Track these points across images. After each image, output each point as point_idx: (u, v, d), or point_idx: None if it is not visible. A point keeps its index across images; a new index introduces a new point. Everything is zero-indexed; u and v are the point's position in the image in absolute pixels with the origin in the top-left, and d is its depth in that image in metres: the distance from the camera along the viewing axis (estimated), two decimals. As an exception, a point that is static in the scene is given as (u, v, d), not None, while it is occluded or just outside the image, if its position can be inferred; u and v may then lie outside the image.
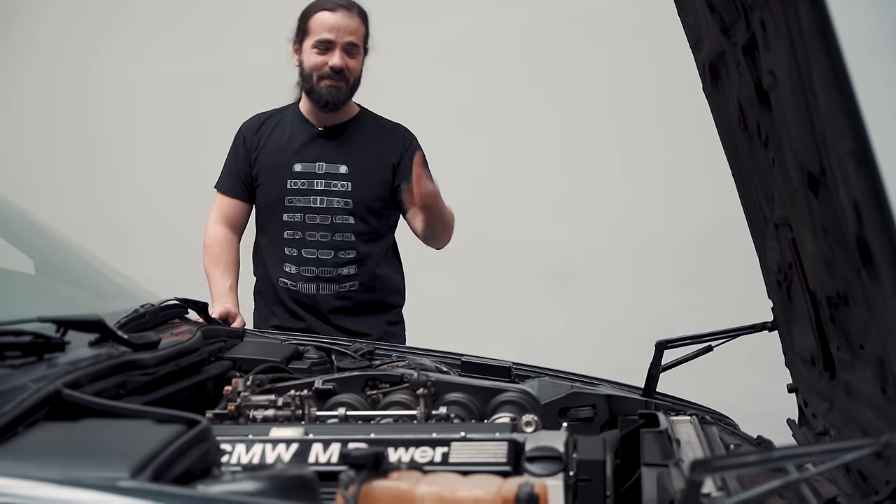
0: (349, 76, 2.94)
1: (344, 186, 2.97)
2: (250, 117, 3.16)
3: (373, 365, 2.34)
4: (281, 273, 3.02)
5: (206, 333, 2.17)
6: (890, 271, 1.10)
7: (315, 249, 2.98)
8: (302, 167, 2.99)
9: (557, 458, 1.48)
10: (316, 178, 2.97)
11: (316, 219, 2.97)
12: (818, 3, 1.02)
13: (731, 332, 2.27)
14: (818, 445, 1.29)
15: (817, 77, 1.11)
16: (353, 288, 3.01)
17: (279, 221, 3.00)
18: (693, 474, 1.09)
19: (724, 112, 2.06)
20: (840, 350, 1.68)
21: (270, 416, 1.86)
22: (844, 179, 1.15)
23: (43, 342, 1.62)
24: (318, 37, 2.92)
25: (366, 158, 3.00)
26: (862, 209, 1.12)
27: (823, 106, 1.12)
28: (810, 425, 2.07)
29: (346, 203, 2.97)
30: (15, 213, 2.63)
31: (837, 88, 1.03)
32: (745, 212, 2.18)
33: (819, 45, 1.04)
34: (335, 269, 2.98)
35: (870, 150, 1.01)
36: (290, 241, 2.99)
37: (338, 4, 2.93)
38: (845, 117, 1.03)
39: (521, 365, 2.44)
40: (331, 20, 2.91)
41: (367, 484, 1.35)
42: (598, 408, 2.12)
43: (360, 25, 2.96)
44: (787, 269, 1.95)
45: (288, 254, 3.00)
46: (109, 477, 1.16)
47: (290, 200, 2.98)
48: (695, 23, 2.01)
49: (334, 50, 2.91)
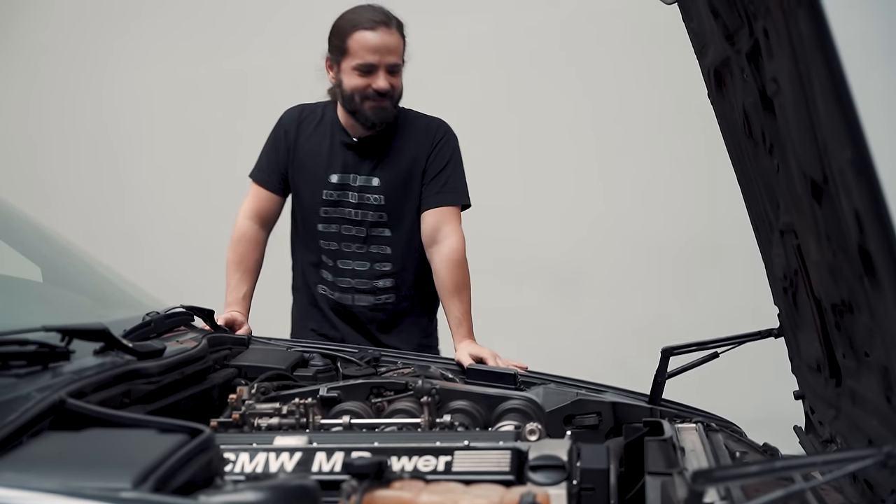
0: (394, 94, 2.84)
1: (377, 199, 2.91)
2: (291, 108, 3.06)
3: (378, 372, 2.34)
4: (318, 279, 3.01)
5: (212, 341, 2.18)
6: (891, 281, 1.10)
7: (351, 261, 2.95)
8: (338, 178, 2.92)
9: (561, 466, 1.48)
10: (350, 191, 2.91)
11: (351, 230, 2.93)
12: (817, 13, 1.01)
13: (737, 338, 2.27)
14: (820, 456, 1.28)
15: (817, 87, 1.11)
16: (388, 300, 2.99)
17: (315, 230, 2.96)
18: (695, 485, 1.09)
19: (729, 118, 2.06)
20: (845, 357, 1.68)
21: (275, 425, 1.87)
22: (846, 189, 1.14)
23: (48, 351, 1.62)
24: (361, 60, 2.78)
25: (399, 168, 2.92)
26: (863, 219, 1.12)
27: (823, 115, 1.12)
28: (817, 432, 2.06)
29: (380, 216, 2.92)
30: (22, 221, 2.64)
31: (836, 99, 1.02)
32: (751, 218, 2.17)
33: (818, 55, 1.03)
34: (371, 280, 2.96)
35: (869, 160, 1.01)
36: (327, 250, 2.96)
37: (375, 21, 2.79)
38: (844, 127, 1.02)
39: (526, 372, 2.45)
40: (373, 42, 2.77)
41: (370, 493, 1.35)
42: (603, 415, 2.12)
43: (400, 41, 2.83)
44: (792, 276, 1.94)
45: (325, 261, 2.98)
46: (112, 487, 1.16)
47: (326, 211, 2.93)
48: (699, 29, 2.01)
49: (378, 73, 2.79)
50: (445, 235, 2.87)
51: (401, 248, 2.96)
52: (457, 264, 2.84)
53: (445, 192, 2.91)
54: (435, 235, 2.88)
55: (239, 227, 3.03)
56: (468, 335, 2.77)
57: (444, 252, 2.85)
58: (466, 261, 2.87)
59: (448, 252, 2.85)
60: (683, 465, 1.63)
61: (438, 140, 2.96)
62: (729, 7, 1.70)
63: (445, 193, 2.91)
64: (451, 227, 2.88)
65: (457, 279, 2.83)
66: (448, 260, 2.84)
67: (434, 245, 2.88)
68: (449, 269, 2.84)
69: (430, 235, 2.89)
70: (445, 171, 2.92)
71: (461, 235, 2.89)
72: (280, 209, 3.08)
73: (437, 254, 2.87)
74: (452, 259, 2.84)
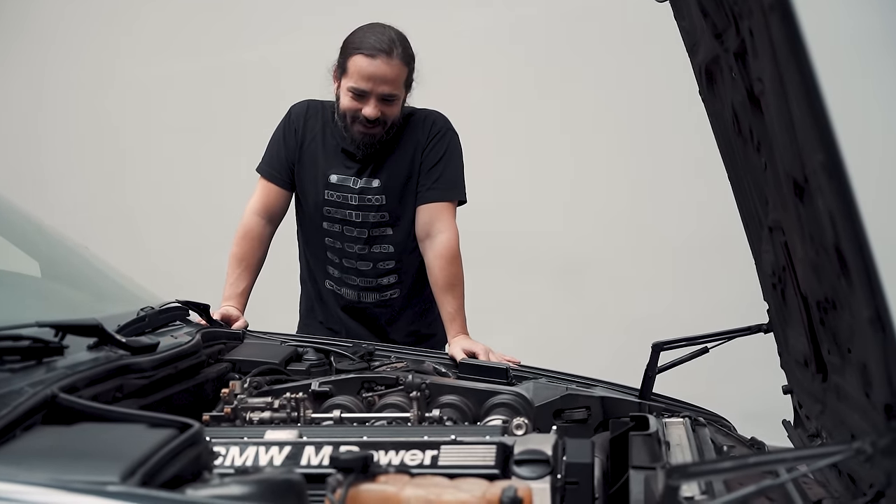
0: (385, 120, 2.81)
1: (378, 200, 2.91)
2: (299, 103, 3.05)
3: (371, 367, 2.36)
4: (325, 275, 3.03)
5: (206, 336, 2.20)
6: (861, 282, 1.12)
7: (354, 260, 2.96)
8: (337, 179, 2.92)
9: (545, 461, 1.50)
10: (350, 193, 2.91)
11: (353, 231, 2.94)
12: (789, 18, 1.02)
13: (726, 333, 2.28)
14: (792, 451, 1.30)
15: (791, 90, 1.13)
16: (394, 296, 3.01)
17: (319, 228, 2.98)
18: (670, 480, 1.11)
19: (720, 115, 2.07)
20: (830, 353, 1.69)
21: (267, 419, 1.89)
22: (821, 190, 1.16)
23: (41, 346, 1.65)
24: (354, 84, 2.76)
25: (399, 167, 2.92)
26: (836, 220, 1.14)
27: (797, 118, 1.14)
28: (804, 427, 2.08)
29: (381, 216, 2.93)
30: (21, 216, 2.66)
31: (808, 103, 1.03)
32: (741, 214, 2.19)
33: (791, 60, 1.05)
34: (375, 279, 2.98)
35: (840, 163, 1.02)
36: (331, 248, 2.98)
37: (378, 49, 2.74)
38: (816, 131, 1.04)
39: (519, 366, 2.47)
40: (367, 70, 2.74)
41: (355, 487, 1.36)
42: (592, 410, 2.13)
43: (401, 70, 2.79)
44: (780, 272, 1.96)
45: (330, 258, 3.00)
46: (99, 481, 1.19)
47: (329, 211, 2.94)
48: (690, 27, 2.02)
49: (369, 99, 2.77)
50: (438, 231, 2.87)
51: (404, 245, 2.97)
52: (449, 260, 2.85)
53: (438, 187, 2.91)
54: (428, 230, 2.88)
55: (245, 222, 3.03)
56: (462, 330, 2.78)
57: (436, 248, 2.86)
58: (460, 256, 2.88)
59: (440, 248, 2.86)
60: (668, 460, 1.65)
61: (434, 134, 2.95)
62: (717, 6, 1.71)
63: (438, 189, 2.91)
64: (444, 222, 2.88)
65: (449, 275, 2.84)
66: (440, 256, 2.85)
67: (427, 240, 2.89)
68: (441, 265, 2.84)
69: (423, 230, 2.90)
70: (439, 166, 2.91)
71: (454, 231, 2.89)
72: (287, 204, 3.08)
73: (430, 249, 2.87)
74: (445, 255, 2.85)
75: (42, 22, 5.99)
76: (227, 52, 5.56)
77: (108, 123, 5.90)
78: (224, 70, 5.58)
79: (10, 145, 5.99)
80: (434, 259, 2.86)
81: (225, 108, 5.55)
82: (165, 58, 5.74)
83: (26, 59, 6.03)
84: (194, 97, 5.67)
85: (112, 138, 5.91)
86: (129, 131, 5.88)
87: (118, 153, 5.91)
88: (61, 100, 5.94)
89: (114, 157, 5.93)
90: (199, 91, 5.66)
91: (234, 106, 5.49)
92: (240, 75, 5.53)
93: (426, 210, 2.90)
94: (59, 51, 5.95)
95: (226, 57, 5.57)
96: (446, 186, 2.93)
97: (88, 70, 5.91)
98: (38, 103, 6.03)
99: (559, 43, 4.95)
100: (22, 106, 6.02)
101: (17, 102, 6.02)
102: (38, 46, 6.00)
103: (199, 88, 5.66)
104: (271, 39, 5.41)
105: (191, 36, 5.65)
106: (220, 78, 5.59)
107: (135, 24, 5.79)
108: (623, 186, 4.93)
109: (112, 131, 5.91)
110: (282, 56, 5.22)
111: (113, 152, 5.93)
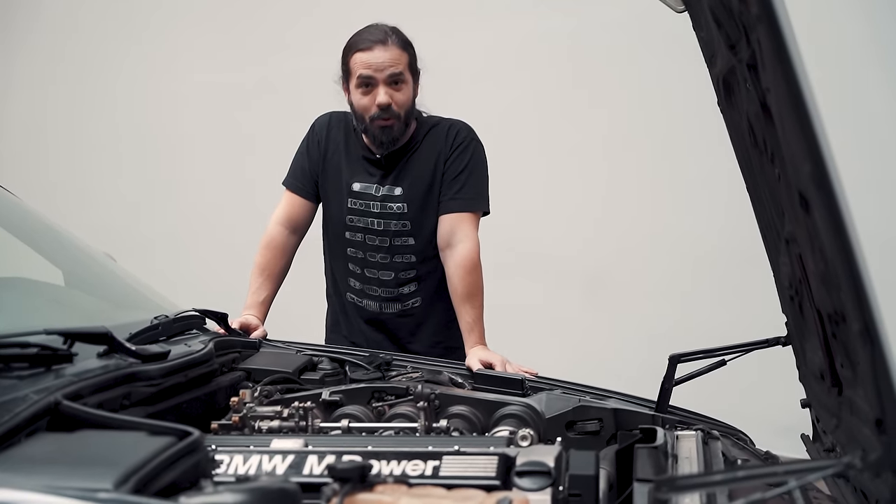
0: (398, 111, 2.83)
1: (400, 209, 2.92)
2: (322, 115, 3.09)
3: (387, 376, 2.36)
4: (347, 287, 3.04)
5: (220, 344, 2.20)
6: (850, 294, 1.10)
7: (376, 270, 2.97)
8: (360, 187, 2.94)
9: (547, 472, 1.49)
10: (373, 201, 2.93)
11: (375, 241, 2.94)
12: (775, 30, 1.01)
13: (745, 346, 2.26)
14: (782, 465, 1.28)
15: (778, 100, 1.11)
16: (415, 304, 3.01)
17: (342, 237, 2.99)
18: (658, 493, 1.10)
19: (738, 127, 2.05)
20: (843, 367, 1.67)
21: (275, 427, 1.90)
22: (815, 201, 1.14)
23: (49, 354, 1.67)
24: (358, 74, 2.82)
25: (421, 176, 2.93)
26: (827, 231, 1.12)
27: (787, 129, 1.12)
28: (822, 441, 2.05)
29: (403, 225, 2.93)
30: (45, 225, 2.70)
31: (796, 116, 1.02)
32: (760, 226, 2.16)
33: (778, 69, 1.03)
34: (396, 288, 2.98)
35: (827, 175, 1.01)
36: (353, 258, 2.99)
37: (373, 42, 2.82)
38: (804, 142, 1.02)
39: (536, 377, 2.46)
40: (367, 59, 2.81)
41: (351, 497, 1.36)
42: (604, 421, 2.12)
43: (401, 53, 2.84)
44: (797, 285, 1.93)
45: (352, 269, 3.00)
46: (92, 488, 1.20)
47: (351, 220, 2.96)
48: (708, 38, 2.01)
49: (377, 86, 2.81)
50: (459, 240, 2.87)
51: (425, 254, 2.97)
52: (469, 271, 2.85)
53: (460, 197, 2.91)
54: (449, 240, 2.88)
55: (269, 232, 3.06)
56: (479, 340, 2.78)
57: (456, 258, 2.86)
58: (480, 266, 2.88)
59: (460, 258, 2.85)
60: (673, 473, 1.63)
61: (458, 144, 2.95)
62: (728, 17, 1.70)
63: (460, 199, 2.91)
64: (464, 232, 2.88)
65: (468, 284, 2.84)
66: (460, 266, 2.85)
67: (447, 249, 2.89)
68: (461, 275, 2.84)
69: (444, 240, 2.90)
70: (462, 176, 2.91)
71: (475, 241, 2.89)
72: (312, 215, 3.10)
73: (451, 259, 2.87)
74: (465, 265, 2.84)
75: (56, 30, 6.11)
76: (248, 64, 5.64)
77: (121, 133, 6.02)
78: (245, 82, 5.66)
79: (27, 155, 6.11)
80: (454, 269, 2.86)
81: (245, 120, 5.61)
82: (182, 69, 5.84)
83: (37, 70, 6.16)
84: (213, 110, 5.74)
85: (127, 148, 6.00)
86: (143, 142, 5.98)
87: (133, 162, 6.01)
88: (74, 110, 6.06)
89: (128, 166, 6.02)
90: (217, 104, 5.74)
91: (254, 118, 5.55)
92: (260, 87, 5.60)
93: (448, 220, 2.90)
94: (69, 63, 6.06)
95: (247, 69, 5.65)
96: (468, 197, 2.93)
97: (101, 79, 6.02)
98: (51, 113, 6.15)
99: (588, 55, 4.94)
100: (36, 116, 6.16)
101: (29, 113, 6.15)
102: (51, 55, 6.11)
103: (217, 101, 5.74)
104: (293, 55, 5.45)
105: (209, 48, 5.73)
106: (249, 91, 5.66)
107: (149, 36, 5.88)
108: (645, 198, 4.91)
109: (133, 141, 6.02)
110: (303, 72, 5.26)
111: (128, 161, 6.01)
